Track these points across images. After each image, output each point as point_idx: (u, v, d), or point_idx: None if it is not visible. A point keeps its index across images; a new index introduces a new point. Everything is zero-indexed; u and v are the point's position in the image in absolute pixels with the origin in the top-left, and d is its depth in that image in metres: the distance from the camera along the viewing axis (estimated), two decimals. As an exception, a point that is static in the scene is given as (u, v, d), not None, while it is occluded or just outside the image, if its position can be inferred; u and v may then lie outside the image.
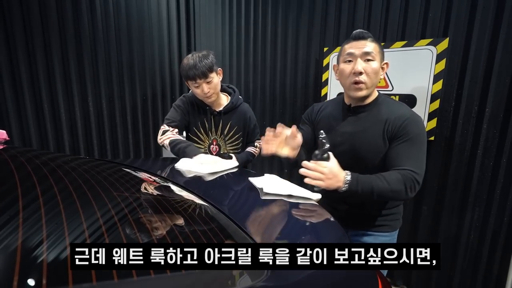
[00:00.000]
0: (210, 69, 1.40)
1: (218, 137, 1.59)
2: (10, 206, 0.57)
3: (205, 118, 1.56)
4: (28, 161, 0.82)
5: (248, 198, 1.00)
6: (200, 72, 1.38)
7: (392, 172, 1.00)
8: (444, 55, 1.64)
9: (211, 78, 1.42)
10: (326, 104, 1.29)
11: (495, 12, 1.48)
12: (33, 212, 0.56)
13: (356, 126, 1.11)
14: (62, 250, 0.48)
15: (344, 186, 0.97)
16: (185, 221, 0.72)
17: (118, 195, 0.75)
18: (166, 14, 2.74)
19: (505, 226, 1.58)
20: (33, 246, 0.47)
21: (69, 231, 0.53)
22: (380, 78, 1.09)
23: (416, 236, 1.91)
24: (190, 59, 1.41)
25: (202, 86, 1.42)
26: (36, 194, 0.63)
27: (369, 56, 1.03)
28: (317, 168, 0.95)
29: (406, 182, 0.97)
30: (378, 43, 1.08)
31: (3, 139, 1.02)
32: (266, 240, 0.71)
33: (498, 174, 1.56)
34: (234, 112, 1.58)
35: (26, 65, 2.24)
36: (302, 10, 2.22)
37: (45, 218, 0.55)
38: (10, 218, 0.53)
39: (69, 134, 2.46)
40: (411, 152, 1.01)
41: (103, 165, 1.06)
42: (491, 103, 1.54)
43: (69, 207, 0.62)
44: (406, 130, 1.01)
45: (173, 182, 1.04)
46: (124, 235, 0.58)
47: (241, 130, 1.60)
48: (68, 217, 0.57)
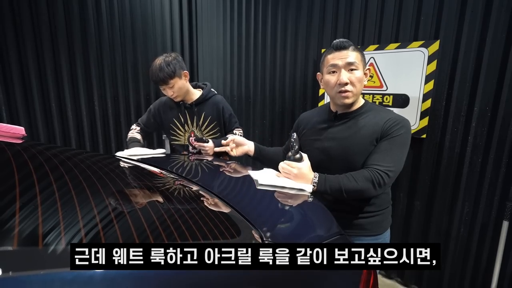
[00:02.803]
0: (170, 76, 1.54)
1: (195, 128, 1.71)
2: (32, 197, 0.65)
3: (180, 112, 1.70)
4: (54, 155, 0.90)
5: (244, 187, 1.07)
6: (160, 80, 1.54)
7: (362, 170, 1.05)
8: (435, 56, 1.72)
9: (172, 84, 1.56)
10: (312, 112, 1.33)
11: (483, 16, 1.56)
12: (63, 199, 0.64)
13: (343, 132, 1.14)
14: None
15: (313, 185, 1.04)
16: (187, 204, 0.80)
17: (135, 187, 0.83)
18: (169, 16, 2.82)
19: (492, 220, 1.65)
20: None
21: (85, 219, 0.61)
22: (364, 83, 1.12)
23: (409, 230, 1.99)
24: (154, 66, 1.55)
25: (166, 89, 1.59)
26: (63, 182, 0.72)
27: (352, 66, 1.06)
28: (287, 168, 1.04)
29: (374, 179, 1.01)
30: (360, 50, 1.10)
31: (22, 135, 1.10)
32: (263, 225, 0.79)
33: (486, 170, 1.64)
34: (206, 104, 1.71)
35: (35, 66, 2.33)
36: (301, 12, 2.30)
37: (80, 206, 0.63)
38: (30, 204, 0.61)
39: (75, 132, 2.55)
40: (387, 148, 1.04)
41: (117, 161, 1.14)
42: (479, 102, 1.62)
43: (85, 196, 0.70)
44: (391, 131, 1.05)
45: (178, 174, 1.12)
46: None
47: (215, 120, 1.72)
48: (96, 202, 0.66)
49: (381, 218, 1.21)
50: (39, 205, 0.59)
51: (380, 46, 1.91)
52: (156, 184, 0.96)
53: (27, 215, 0.55)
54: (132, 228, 0.60)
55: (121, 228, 0.59)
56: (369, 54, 1.95)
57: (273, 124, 2.64)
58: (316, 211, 0.96)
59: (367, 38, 1.99)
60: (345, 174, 1.05)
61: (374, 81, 1.98)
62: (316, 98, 2.34)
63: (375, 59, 1.95)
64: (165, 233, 0.63)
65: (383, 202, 1.20)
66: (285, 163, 1.06)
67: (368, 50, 1.95)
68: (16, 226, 0.52)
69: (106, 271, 0.48)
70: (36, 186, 0.67)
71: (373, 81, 1.98)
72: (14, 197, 0.60)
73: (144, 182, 0.93)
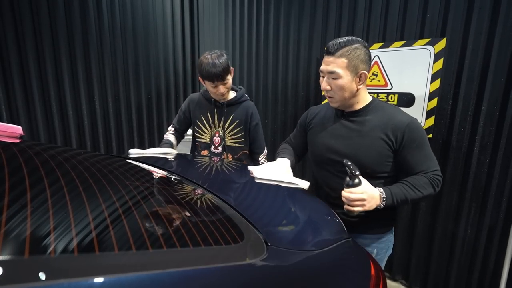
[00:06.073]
0: (226, 71, 1.51)
1: (221, 129, 1.68)
2: (36, 195, 0.62)
3: (209, 111, 1.66)
4: (51, 156, 0.88)
5: (252, 190, 1.05)
6: (217, 75, 1.48)
7: (418, 177, 1.07)
8: (441, 54, 1.69)
9: (227, 80, 1.54)
10: (321, 107, 1.32)
11: (491, 13, 1.52)
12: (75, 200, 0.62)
13: (350, 131, 1.13)
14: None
15: (382, 203, 1.03)
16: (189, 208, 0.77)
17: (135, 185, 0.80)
18: (170, 15, 2.80)
19: (500, 221, 1.62)
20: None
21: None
22: (358, 87, 1.08)
23: (414, 231, 1.96)
24: (209, 59, 1.49)
25: (219, 87, 1.53)
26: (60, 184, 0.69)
27: (333, 75, 1.06)
28: (355, 196, 0.98)
29: (433, 183, 1.06)
30: (352, 53, 1.03)
31: (19, 134, 1.08)
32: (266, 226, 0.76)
33: (494, 170, 1.60)
34: (237, 106, 1.67)
35: (35, 64, 2.31)
36: (304, 10, 2.27)
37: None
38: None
39: (76, 132, 2.53)
40: (423, 155, 1.07)
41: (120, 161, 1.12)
42: (487, 101, 1.58)
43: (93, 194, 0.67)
44: (412, 137, 1.05)
45: (180, 175, 1.10)
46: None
47: (242, 124, 1.68)
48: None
49: (385, 218, 1.19)
50: (29, 215, 0.56)
51: (385, 44, 1.88)
52: (157, 185, 0.93)
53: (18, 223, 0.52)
54: (129, 232, 0.58)
55: (117, 234, 0.56)
56: (374, 52, 1.91)
57: (275, 124, 2.61)
58: (323, 214, 0.94)
59: (372, 35, 1.95)
60: (405, 183, 1.06)
61: (379, 80, 1.94)
62: (319, 98, 2.30)
63: (380, 58, 1.91)
64: (163, 237, 0.60)
65: None
66: (350, 192, 1.00)
67: (373, 48, 1.92)
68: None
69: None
70: (24, 189, 0.64)
71: (377, 80, 1.95)
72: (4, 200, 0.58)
73: (147, 184, 0.90)
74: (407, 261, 2.03)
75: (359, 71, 1.06)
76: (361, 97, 1.12)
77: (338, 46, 1.04)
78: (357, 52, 1.04)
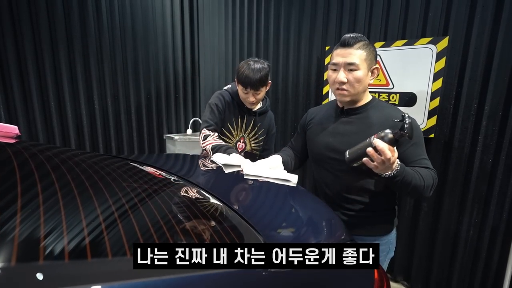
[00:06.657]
0: (263, 83, 1.49)
1: (246, 135, 1.69)
2: (31, 198, 0.61)
3: (240, 116, 1.65)
4: (48, 158, 0.86)
5: (254, 192, 1.04)
6: (252, 84, 1.46)
7: (421, 168, 1.04)
8: (444, 53, 1.67)
9: (260, 92, 1.51)
10: (320, 108, 1.32)
11: (494, 12, 1.50)
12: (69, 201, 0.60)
13: (348, 128, 1.13)
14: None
15: (391, 173, 0.95)
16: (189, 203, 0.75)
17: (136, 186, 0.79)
18: (170, 14, 2.78)
19: (503, 222, 1.60)
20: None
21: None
22: (369, 82, 1.08)
23: (416, 232, 1.94)
24: (250, 65, 1.47)
25: (250, 94, 1.51)
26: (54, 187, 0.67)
27: (352, 66, 1.04)
28: (387, 154, 0.88)
29: (433, 176, 1.04)
30: (368, 47, 1.04)
31: (15, 134, 1.06)
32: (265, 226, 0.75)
33: (497, 171, 1.59)
34: (264, 116, 1.72)
35: (34, 64, 2.29)
36: (304, 9, 2.25)
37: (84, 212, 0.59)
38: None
39: (74, 131, 2.51)
40: (419, 153, 1.07)
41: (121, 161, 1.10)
42: (490, 101, 1.56)
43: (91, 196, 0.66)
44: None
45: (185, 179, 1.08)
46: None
47: (265, 133, 1.73)
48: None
49: (385, 219, 1.18)
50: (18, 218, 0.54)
51: (387, 43, 1.86)
52: (154, 187, 0.91)
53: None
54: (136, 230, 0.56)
55: (112, 239, 0.55)
56: (375, 52, 1.90)
57: (276, 124, 2.59)
58: (324, 215, 0.92)
59: (373, 34, 1.94)
60: (413, 168, 1.02)
61: (380, 79, 1.92)
62: (320, 97, 2.29)
63: (381, 57, 1.89)
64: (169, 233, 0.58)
65: (387, 202, 1.18)
66: (387, 147, 0.89)
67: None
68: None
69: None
70: (20, 192, 0.62)
71: (379, 79, 1.93)
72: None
73: (145, 186, 0.89)
74: (409, 262, 2.01)
75: (373, 66, 1.07)
76: (364, 94, 1.12)
77: (355, 39, 1.04)
78: (371, 47, 1.06)
